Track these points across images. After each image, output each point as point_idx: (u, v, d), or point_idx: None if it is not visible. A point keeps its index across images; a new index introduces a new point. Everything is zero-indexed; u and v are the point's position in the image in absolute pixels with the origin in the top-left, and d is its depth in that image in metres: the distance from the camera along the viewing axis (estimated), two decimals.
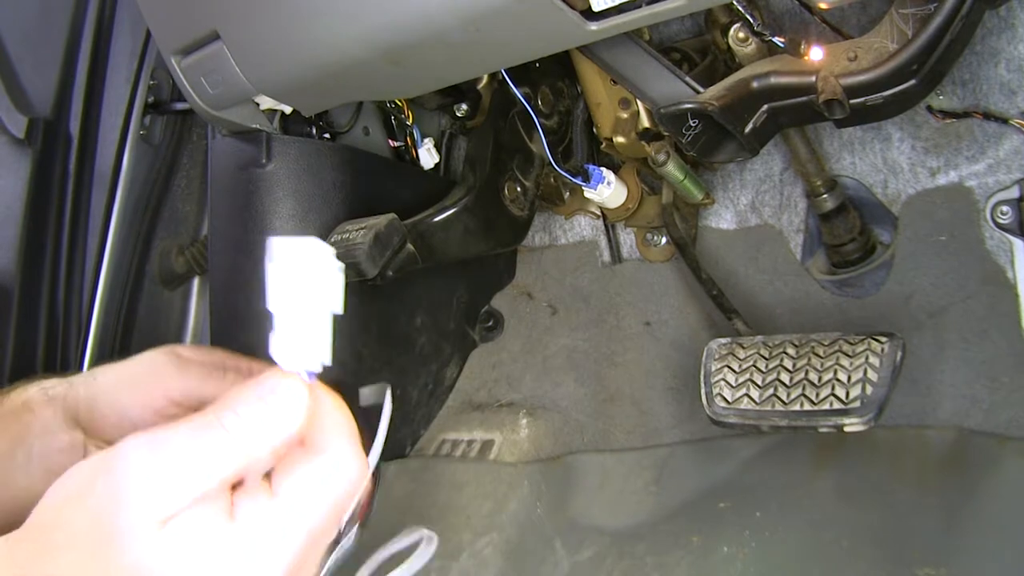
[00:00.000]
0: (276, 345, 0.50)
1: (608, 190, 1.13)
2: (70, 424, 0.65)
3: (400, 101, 1.12)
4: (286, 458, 0.49)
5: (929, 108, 0.95)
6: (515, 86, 1.05)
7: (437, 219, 1.00)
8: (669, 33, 1.10)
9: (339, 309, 0.52)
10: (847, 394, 0.83)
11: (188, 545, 0.43)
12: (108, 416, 0.64)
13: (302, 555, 0.47)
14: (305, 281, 0.51)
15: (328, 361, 0.51)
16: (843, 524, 0.88)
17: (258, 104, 0.93)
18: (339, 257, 0.93)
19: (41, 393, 0.68)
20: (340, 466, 0.49)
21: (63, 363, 1.07)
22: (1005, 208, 0.91)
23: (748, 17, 0.82)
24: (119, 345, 1.14)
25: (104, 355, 1.11)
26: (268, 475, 0.48)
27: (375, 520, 0.95)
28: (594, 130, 1.13)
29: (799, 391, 0.86)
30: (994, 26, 0.91)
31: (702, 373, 0.94)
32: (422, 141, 1.18)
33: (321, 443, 0.49)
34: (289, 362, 0.50)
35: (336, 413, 0.51)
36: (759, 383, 0.90)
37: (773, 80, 0.81)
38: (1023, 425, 0.87)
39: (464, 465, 1.10)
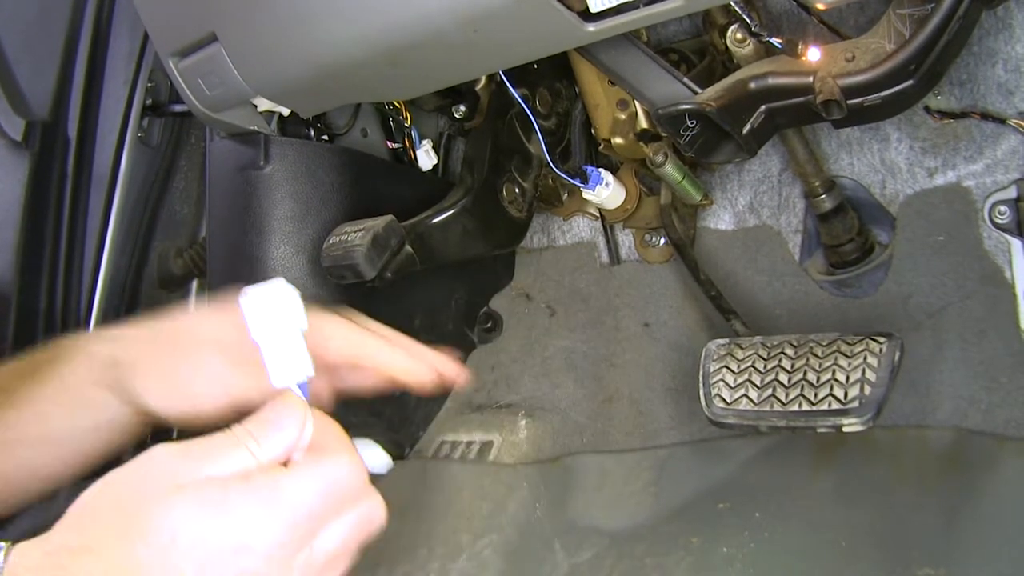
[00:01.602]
0: (270, 369, 0.61)
1: (606, 191, 1.13)
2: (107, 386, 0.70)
3: (398, 103, 1.12)
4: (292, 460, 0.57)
5: (927, 108, 0.96)
6: (513, 87, 1.05)
7: (435, 220, 1.00)
8: (667, 34, 1.10)
9: (306, 326, 0.62)
10: (845, 394, 0.83)
11: (204, 498, 0.50)
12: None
13: (306, 522, 0.53)
14: (276, 315, 0.62)
15: (311, 372, 0.61)
16: (842, 524, 0.87)
17: (256, 106, 0.93)
18: (337, 259, 0.94)
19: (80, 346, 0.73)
20: (338, 460, 0.56)
21: None
22: (1003, 208, 0.91)
23: (746, 18, 0.83)
24: None
25: None
26: None
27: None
28: (592, 131, 1.13)
29: (797, 391, 0.86)
30: (991, 26, 0.91)
31: (701, 374, 0.94)
32: (420, 143, 1.18)
33: (322, 444, 0.58)
34: (282, 379, 0.60)
35: (327, 422, 0.60)
36: (757, 384, 0.90)
37: (771, 81, 0.81)
38: (1022, 425, 0.87)
39: (463, 466, 1.09)
